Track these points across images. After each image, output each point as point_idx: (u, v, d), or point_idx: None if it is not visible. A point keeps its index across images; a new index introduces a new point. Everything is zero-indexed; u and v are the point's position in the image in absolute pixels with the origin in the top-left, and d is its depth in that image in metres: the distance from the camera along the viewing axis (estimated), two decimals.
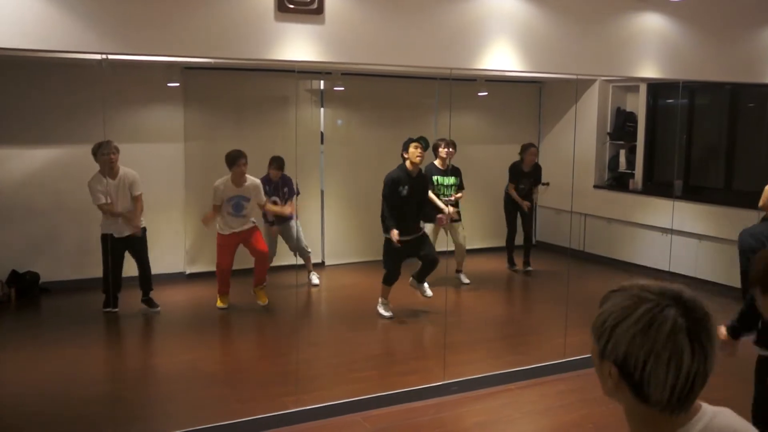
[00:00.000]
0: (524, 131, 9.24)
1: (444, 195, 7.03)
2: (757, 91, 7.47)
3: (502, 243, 8.30)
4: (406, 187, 6.17)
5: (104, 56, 4.32)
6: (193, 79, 7.39)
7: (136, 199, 6.09)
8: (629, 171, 8.63)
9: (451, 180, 7.07)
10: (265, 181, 6.81)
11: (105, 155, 5.79)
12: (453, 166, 7.12)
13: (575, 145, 7.46)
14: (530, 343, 5.93)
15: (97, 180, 5.85)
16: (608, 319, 1.31)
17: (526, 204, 7.71)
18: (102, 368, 5.44)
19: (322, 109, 8.16)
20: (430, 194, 6.89)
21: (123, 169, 5.99)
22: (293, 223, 7.07)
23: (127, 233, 5.99)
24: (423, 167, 6.47)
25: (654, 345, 1.25)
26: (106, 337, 5.46)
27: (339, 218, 8.20)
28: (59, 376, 5.04)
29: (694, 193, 7.81)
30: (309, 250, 7.29)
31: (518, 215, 7.98)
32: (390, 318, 6.24)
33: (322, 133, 8.09)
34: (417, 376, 5.00)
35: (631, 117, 8.66)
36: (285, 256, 7.12)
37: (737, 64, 6.42)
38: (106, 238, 5.92)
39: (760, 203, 3.98)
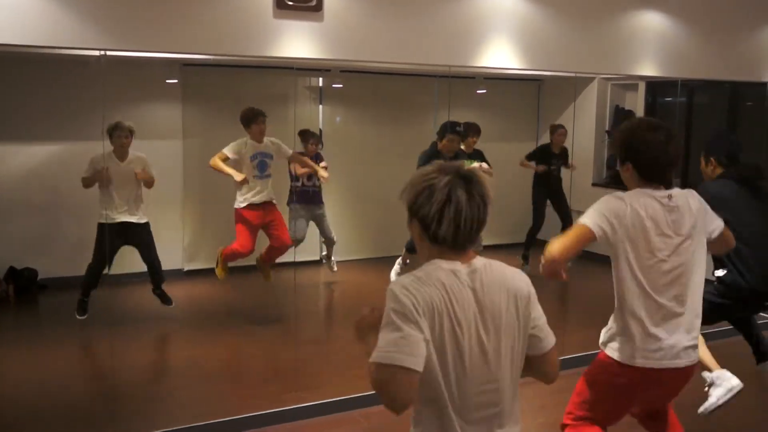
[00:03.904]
0: (523, 129, 9.25)
1: None
2: (756, 90, 7.47)
3: (501, 240, 8.28)
4: None
5: (103, 52, 4.32)
6: (192, 76, 7.37)
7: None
8: None
9: (476, 163, 7.10)
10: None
11: (119, 137, 5.72)
12: (475, 149, 7.18)
13: (574, 142, 7.46)
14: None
15: (105, 159, 5.66)
16: (408, 188, 1.81)
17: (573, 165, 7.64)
18: (101, 364, 5.44)
19: (320, 107, 8.16)
20: None
21: (132, 154, 5.85)
22: (324, 210, 7.11)
23: (131, 218, 5.76)
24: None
25: (438, 198, 1.74)
26: (104, 334, 5.45)
27: (338, 215, 8.19)
28: (58, 372, 5.04)
29: None
30: (335, 238, 7.30)
31: (549, 203, 7.90)
32: None
33: (320, 131, 8.09)
34: None
35: (630, 115, 8.66)
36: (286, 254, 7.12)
37: (736, 62, 6.43)
38: (103, 228, 5.64)
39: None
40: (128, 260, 6.02)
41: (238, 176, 5.79)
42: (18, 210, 6.73)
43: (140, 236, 5.88)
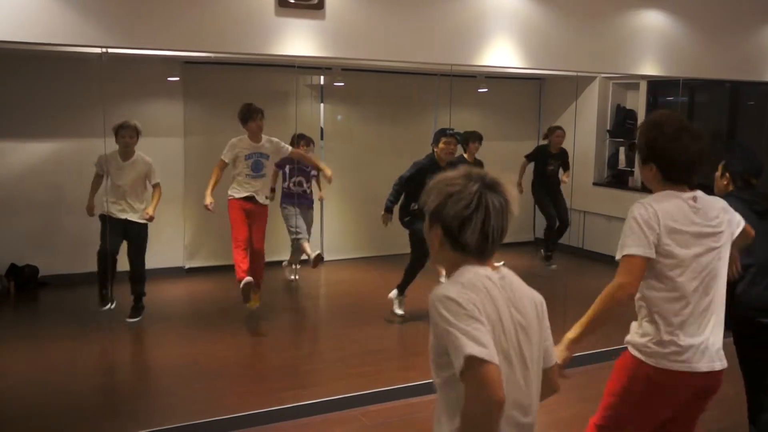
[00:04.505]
0: (524, 128, 9.24)
1: None
2: (757, 89, 7.47)
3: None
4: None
5: (104, 50, 4.32)
6: (193, 74, 7.38)
7: (155, 188, 5.97)
8: (629, 168, 8.62)
9: None
10: (291, 160, 6.79)
11: (123, 136, 5.73)
12: (476, 158, 7.15)
13: (575, 142, 7.46)
14: None
15: (108, 158, 5.70)
16: (434, 192, 1.78)
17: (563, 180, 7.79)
18: (100, 362, 5.45)
19: (322, 105, 8.16)
20: None
21: (138, 155, 5.86)
22: (311, 211, 7.09)
23: (130, 216, 5.81)
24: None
25: (467, 204, 1.72)
26: (104, 331, 5.46)
27: (338, 214, 8.20)
28: (57, 369, 5.05)
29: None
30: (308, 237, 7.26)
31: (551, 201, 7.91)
32: (402, 316, 6.12)
33: (321, 129, 8.09)
34: (416, 372, 5.00)
35: (631, 114, 8.66)
36: (282, 253, 7.12)
37: (737, 61, 6.43)
38: (104, 219, 5.69)
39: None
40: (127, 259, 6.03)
41: (207, 200, 5.80)
42: (19, 207, 6.74)
43: (136, 233, 5.88)
